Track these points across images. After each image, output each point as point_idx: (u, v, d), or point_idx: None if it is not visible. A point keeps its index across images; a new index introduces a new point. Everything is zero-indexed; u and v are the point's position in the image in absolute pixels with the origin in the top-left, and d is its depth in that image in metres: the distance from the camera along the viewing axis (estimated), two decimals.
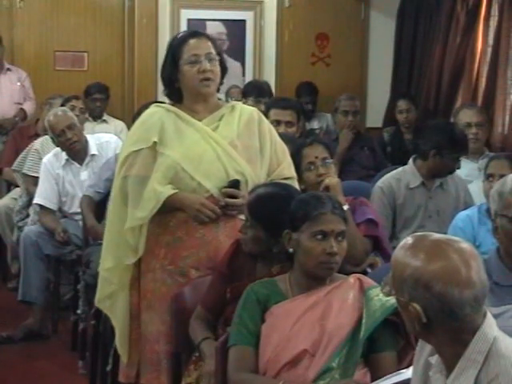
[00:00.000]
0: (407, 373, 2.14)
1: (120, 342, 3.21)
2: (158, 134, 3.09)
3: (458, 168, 4.28)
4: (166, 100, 3.31)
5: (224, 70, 3.19)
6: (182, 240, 3.09)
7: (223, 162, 3.08)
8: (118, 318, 3.21)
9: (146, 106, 4.88)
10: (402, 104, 6.28)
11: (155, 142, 3.08)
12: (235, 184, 3.07)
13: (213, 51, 3.13)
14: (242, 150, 3.13)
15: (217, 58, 3.13)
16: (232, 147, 3.11)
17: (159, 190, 3.03)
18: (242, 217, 3.07)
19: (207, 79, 3.10)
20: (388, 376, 2.23)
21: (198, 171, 3.06)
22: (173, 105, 3.21)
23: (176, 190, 3.05)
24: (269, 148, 3.20)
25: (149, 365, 3.13)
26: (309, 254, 2.53)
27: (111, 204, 3.24)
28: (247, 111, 3.23)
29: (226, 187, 3.07)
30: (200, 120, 3.14)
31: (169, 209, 3.06)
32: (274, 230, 2.70)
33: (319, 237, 2.52)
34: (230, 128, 3.15)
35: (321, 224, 2.52)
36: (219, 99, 3.31)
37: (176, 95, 3.20)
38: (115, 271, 3.17)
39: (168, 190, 3.04)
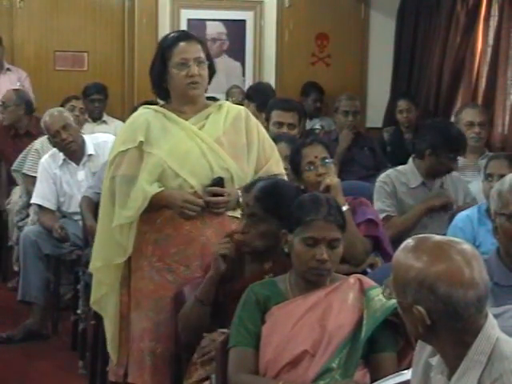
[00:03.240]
0: (408, 374, 2.14)
1: (111, 343, 3.24)
2: (144, 133, 3.12)
3: (456, 167, 4.26)
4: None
5: (212, 72, 3.22)
6: (169, 237, 3.11)
7: (208, 159, 3.11)
8: (110, 318, 3.23)
9: (136, 109, 4.91)
10: (402, 104, 6.28)
11: (142, 142, 3.11)
12: (219, 182, 3.08)
13: (202, 55, 3.15)
14: (228, 147, 3.15)
15: (205, 61, 3.16)
16: (218, 144, 3.13)
17: (146, 188, 3.05)
18: (230, 213, 3.09)
19: (195, 83, 3.12)
20: (389, 376, 2.22)
21: (184, 168, 3.09)
22: (162, 106, 3.25)
23: (162, 188, 3.08)
24: (256, 145, 3.22)
25: (135, 363, 3.15)
26: (299, 259, 2.54)
27: (101, 204, 3.27)
28: (234, 109, 3.26)
29: (209, 185, 3.08)
30: (187, 120, 3.17)
31: (155, 207, 3.09)
32: (285, 217, 2.68)
33: (310, 242, 2.51)
34: (216, 126, 3.18)
35: (312, 231, 2.51)
36: (212, 98, 3.33)
37: (163, 94, 3.24)
38: (105, 271, 3.19)
39: (154, 189, 3.07)
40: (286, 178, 3.25)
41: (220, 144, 3.14)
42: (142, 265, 3.14)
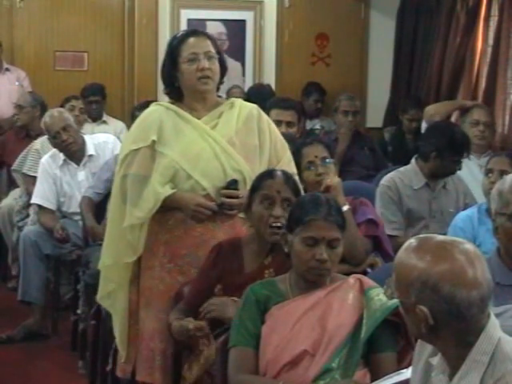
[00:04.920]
0: (407, 373, 2.13)
1: (120, 339, 3.23)
2: (156, 132, 3.10)
3: (459, 169, 4.27)
4: (166, 99, 3.32)
5: (224, 69, 3.20)
6: (180, 238, 3.10)
7: (221, 160, 3.09)
8: (119, 315, 3.23)
9: (140, 107, 4.90)
10: (413, 113, 6.19)
11: (154, 141, 3.09)
12: (233, 184, 3.07)
13: (212, 50, 3.13)
14: (240, 148, 3.13)
15: (216, 56, 3.14)
16: (230, 145, 3.12)
17: (158, 190, 3.04)
18: (241, 215, 3.08)
19: (205, 77, 3.10)
20: (388, 376, 2.22)
21: (196, 170, 3.08)
22: (173, 103, 3.22)
23: (174, 190, 3.06)
24: (268, 145, 3.21)
25: (144, 362, 3.15)
26: (299, 259, 2.54)
27: (111, 203, 3.26)
28: (246, 108, 3.23)
29: (224, 188, 3.07)
30: (199, 118, 3.15)
31: (167, 208, 3.08)
32: None
33: (310, 242, 2.51)
34: (228, 125, 3.16)
35: (312, 230, 2.51)
36: (219, 96, 3.32)
37: (176, 94, 3.21)
38: (114, 269, 3.19)
39: (166, 191, 3.05)
40: (297, 178, 3.23)
41: (232, 144, 3.12)
42: (152, 264, 3.14)
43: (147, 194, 3.05)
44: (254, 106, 3.30)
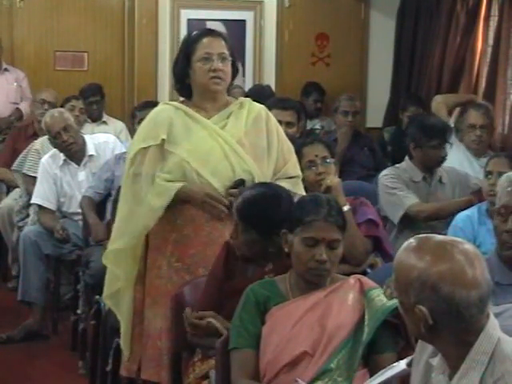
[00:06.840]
0: (400, 365, 2.13)
1: (123, 338, 3.23)
2: (166, 131, 3.12)
3: (445, 155, 4.28)
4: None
5: (235, 71, 3.22)
6: (188, 237, 3.11)
7: (231, 160, 3.10)
8: (124, 314, 3.23)
9: (140, 107, 4.89)
10: (414, 111, 6.18)
11: (163, 140, 3.10)
12: (240, 184, 3.08)
13: (226, 51, 3.15)
14: (249, 149, 3.15)
15: (229, 58, 3.16)
16: (240, 145, 3.13)
17: (167, 185, 3.06)
18: None
19: (217, 78, 3.12)
20: (381, 372, 2.21)
21: (205, 169, 3.09)
22: (182, 102, 3.24)
23: (183, 184, 3.07)
24: (276, 147, 3.22)
25: (150, 360, 3.16)
26: (299, 259, 2.54)
27: (122, 188, 3.24)
28: (255, 109, 3.25)
29: (231, 187, 3.08)
30: (209, 118, 3.17)
31: (176, 202, 3.07)
32: (266, 230, 2.71)
33: (310, 243, 2.51)
34: (237, 126, 3.17)
35: (312, 231, 2.51)
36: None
37: (186, 91, 3.24)
38: (122, 257, 3.16)
39: (176, 184, 3.07)
40: (300, 181, 3.24)
41: (241, 145, 3.14)
42: (160, 263, 3.15)
43: (157, 188, 3.06)
44: (263, 107, 3.31)
